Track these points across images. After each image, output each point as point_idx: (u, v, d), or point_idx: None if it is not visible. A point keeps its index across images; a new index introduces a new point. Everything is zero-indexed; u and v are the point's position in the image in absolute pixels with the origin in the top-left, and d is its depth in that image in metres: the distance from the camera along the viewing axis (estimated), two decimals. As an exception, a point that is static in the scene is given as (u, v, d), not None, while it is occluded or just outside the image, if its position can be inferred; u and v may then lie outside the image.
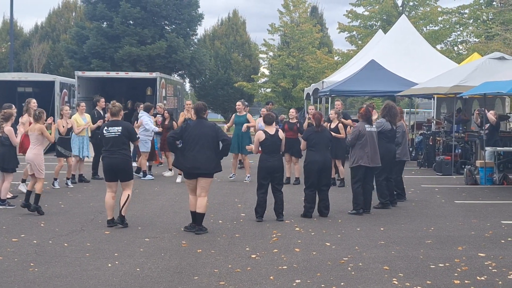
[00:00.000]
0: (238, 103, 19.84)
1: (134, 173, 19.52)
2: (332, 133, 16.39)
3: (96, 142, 18.67)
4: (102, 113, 19.61)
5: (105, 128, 12.40)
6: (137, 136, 12.90)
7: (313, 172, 13.44)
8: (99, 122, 18.34)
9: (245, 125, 19.08)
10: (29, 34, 62.53)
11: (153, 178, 19.76)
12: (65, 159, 17.63)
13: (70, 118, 18.05)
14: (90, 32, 48.27)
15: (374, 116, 14.73)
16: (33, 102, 16.90)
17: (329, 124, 17.84)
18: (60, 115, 17.78)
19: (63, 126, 17.45)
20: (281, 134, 13.33)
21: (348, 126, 18.35)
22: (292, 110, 19.74)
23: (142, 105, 21.52)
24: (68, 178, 17.88)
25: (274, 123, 13.43)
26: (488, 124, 20.33)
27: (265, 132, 13.18)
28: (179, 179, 19.02)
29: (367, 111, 14.21)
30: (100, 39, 47.59)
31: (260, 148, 13.27)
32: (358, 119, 14.55)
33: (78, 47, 48.95)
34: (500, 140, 21.39)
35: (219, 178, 19.63)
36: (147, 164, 20.30)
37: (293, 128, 18.66)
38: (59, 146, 17.48)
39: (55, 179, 17.54)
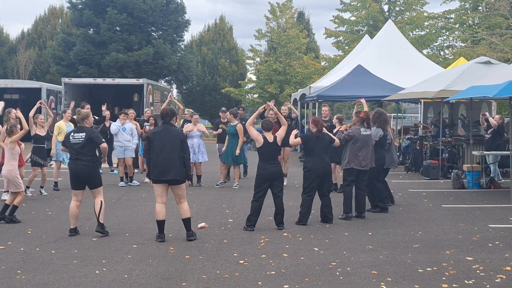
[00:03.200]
0: (227, 113, 19.80)
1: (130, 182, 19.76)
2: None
3: None
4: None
5: (71, 134, 12.29)
6: (102, 140, 12.55)
7: (314, 178, 13.29)
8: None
9: (237, 150, 18.98)
10: (16, 41, 62.42)
11: (124, 185, 19.73)
12: (39, 169, 17.50)
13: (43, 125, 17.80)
14: (77, 39, 48.16)
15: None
16: (13, 113, 16.64)
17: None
18: (34, 123, 17.52)
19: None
20: (280, 140, 13.01)
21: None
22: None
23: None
24: (42, 187, 17.70)
25: (272, 130, 13.22)
26: (492, 129, 20.43)
27: (264, 137, 12.95)
28: None
29: (367, 116, 14.23)
30: (87, 46, 47.49)
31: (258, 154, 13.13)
32: (355, 123, 14.50)
33: (65, 54, 48.82)
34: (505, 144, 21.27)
35: (206, 183, 19.67)
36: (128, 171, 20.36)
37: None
38: (34, 155, 17.35)
39: (27, 187, 17.43)
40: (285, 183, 19.28)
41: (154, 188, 11.93)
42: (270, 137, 12.94)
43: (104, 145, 12.26)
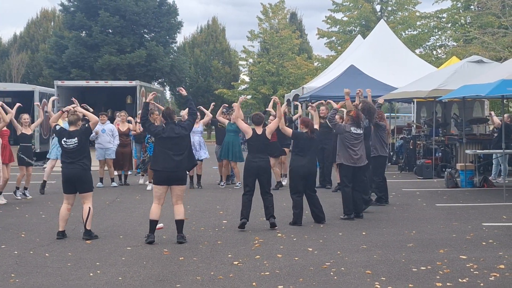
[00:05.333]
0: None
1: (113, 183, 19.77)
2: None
3: None
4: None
5: (64, 139, 12.17)
6: (93, 131, 12.53)
7: (299, 177, 13.26)
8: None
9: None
10: (8, 44, 62.35)
11: (116, 185, 19.98)
12: (26, 168, 17.37)
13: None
14: (69, 42, 48.11)
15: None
16: None
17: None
18: (20, 123, 17.40)
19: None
20: (269, 134, 13.02)
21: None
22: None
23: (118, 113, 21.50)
24: (26, 188, 17.58)
25: (262, 123, 13.21)
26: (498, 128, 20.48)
27: (253, 130, 13.00)
28: (149, 186, 19.02)
29: (358, 115, 14.21)
30: (79, 49, 47.45)
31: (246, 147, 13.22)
32: (346, 122, 14.50)
33: (57, 57, 48.75)
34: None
35: (203, 185, 19.66)
36: (115, 172, 20.55)
37: None
38: (21, 154, 17.21)
39: (17, 188, 17.37)
40: (284, 183, 19.45)
41: (154, 189, 11.85)
42: (259, 130, 12.99)
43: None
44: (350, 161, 13.92)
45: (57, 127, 12.43)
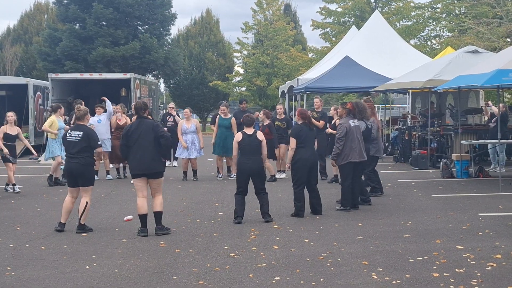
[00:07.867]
0: (222, 107, 19.75)
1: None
2: (331, 130, 16.57)
3: None
4: None
5: (69, 132, 12.24)
6: (99, 143, 12.46)
7: (304, 170, 13.26)
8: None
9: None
10: (1, 37, 62.12)
11: (111, 178, 20.04)
12: (11, 165, 17.21)
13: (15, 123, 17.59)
14: (63, 34, 47.98)
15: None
16: None
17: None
18: (5, 121, 17.36)
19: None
20: (260, 136, 13.04)
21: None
22: (262, 112, 19.82)
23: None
24: (14, 184, 17.42)
25: (253, 125, 13.23)
26: (495, 117, 20.43)
27: (243, 132, 13.02)
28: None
29: (354, 107, 14.17)
30: (73, 41, 47.34)
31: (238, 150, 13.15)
32: (342, 115, 14.46)
33: (51, 49, 48.63)
34: (509, 132, 21.15)
35: (200, 177, 19.64)
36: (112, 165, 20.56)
37: (264, 131, 18.38)
38: (3, 154, 17.01)
39: (14, 184, 17.27)
40: (283, 176, 19.46)
41: (134, 183, 11.89)
42: (250, 131, 13.01)
43: (100, 149, 12.33)
44: (352, 157, 13.85)
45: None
